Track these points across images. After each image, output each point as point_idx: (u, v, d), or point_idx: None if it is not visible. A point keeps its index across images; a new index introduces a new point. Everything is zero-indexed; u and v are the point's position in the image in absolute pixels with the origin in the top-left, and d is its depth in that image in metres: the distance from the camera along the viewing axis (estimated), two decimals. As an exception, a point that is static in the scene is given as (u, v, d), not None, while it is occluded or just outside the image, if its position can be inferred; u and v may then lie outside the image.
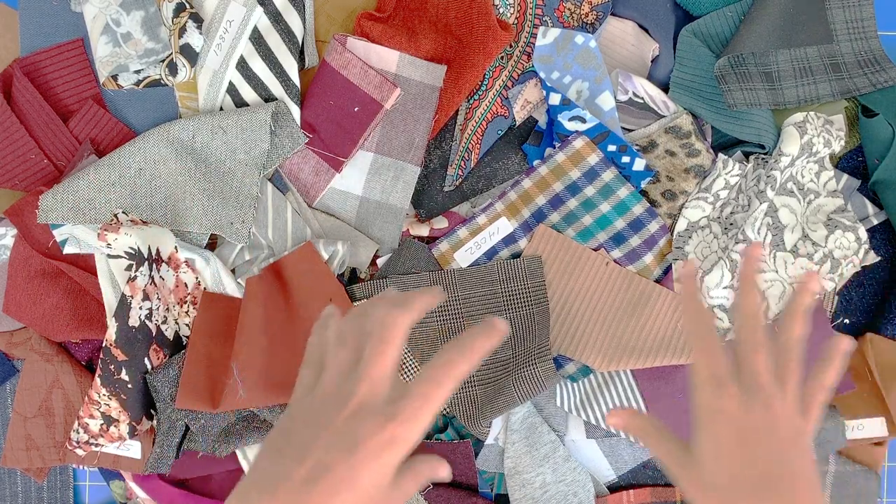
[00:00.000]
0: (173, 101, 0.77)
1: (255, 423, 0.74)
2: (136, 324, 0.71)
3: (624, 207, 0.76)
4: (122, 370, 0.70)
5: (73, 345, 0.76)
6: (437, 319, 0.76)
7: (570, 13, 0.77)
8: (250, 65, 0.75)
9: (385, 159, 0.76)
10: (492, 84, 0.77)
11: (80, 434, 0.72)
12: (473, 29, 0.74)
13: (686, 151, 0.75)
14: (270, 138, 0.75)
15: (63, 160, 0.75)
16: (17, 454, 0.74)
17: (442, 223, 0.77)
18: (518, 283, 0.76)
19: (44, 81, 0.76)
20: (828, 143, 0.76)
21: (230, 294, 0.74)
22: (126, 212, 0.72)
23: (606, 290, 0.76)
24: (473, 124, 0.77)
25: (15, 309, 0.73)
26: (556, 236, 0.76)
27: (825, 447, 0.76)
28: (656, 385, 0.78)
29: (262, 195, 0.76)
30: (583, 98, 0.76)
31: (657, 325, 0.76)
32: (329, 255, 0.73)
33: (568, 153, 0.76)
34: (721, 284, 0.75)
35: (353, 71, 0.74)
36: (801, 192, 0.77)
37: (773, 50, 0.77)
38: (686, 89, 0.76)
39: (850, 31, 0.78)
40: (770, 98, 0.76)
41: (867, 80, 0.77)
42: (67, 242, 0.72)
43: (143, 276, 0.70)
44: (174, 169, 0.73)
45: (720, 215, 0.77)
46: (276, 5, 0.74)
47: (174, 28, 0.74)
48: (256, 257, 0.76)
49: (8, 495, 0.79)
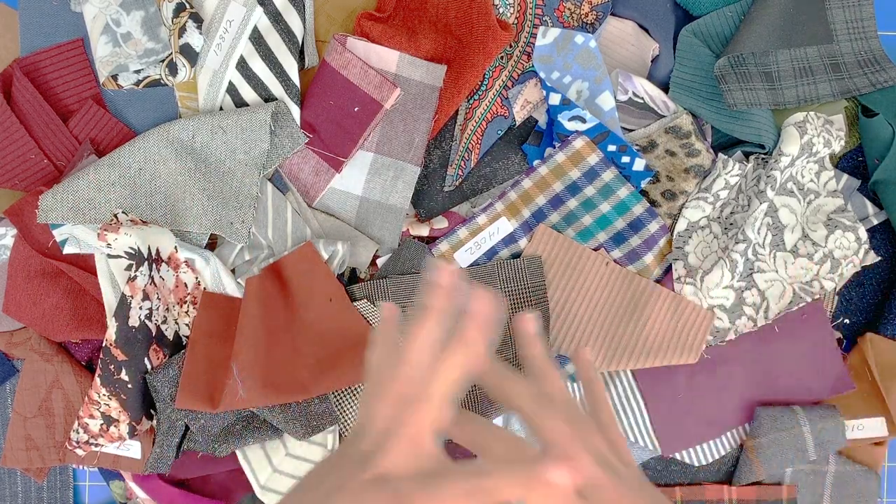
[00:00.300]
0: (173, 101, 0.77)
1: (255, 423, 0.74)
2: (135, 324, 0.71)
3: (624, 207, 0.76)
4: (122, 370, 0.70)
5: (73, 345, 0.76)
6: (437, 319, 0.76)
7: (570, 13, 0.77)
8: (250, 65, 0.75)
9: (385, 159, 0.76)
10: (492, 84, 0.77)
11: (79, 434, 0.72)
12: (473, 29, 0.74)
13: (686, 151, 0.75)
14: (270, 138, 0.75)
15: (63, 160, 0.75)
16: (17, 454, 0.74)
17: (442, 223, 0.77)
18: (518, 283, 0.76)
19: (44, 81, 0.76)
20: (828, 143, 0.76)
21: (230, 294, 0.74)
22: (126, 212, 0.72)
23: (606, 290, 0.76)
24: (473, 124, 0.77)
25: (15, 309, 0.73)
26: (556, 236, 0.76)
27: (825, 447, 0.76)
28: (656, 385, 0.78)
29: (262, 195, 0.76)
30: (583, 98, 0.76)
31: (657, 325, 0.76)
32: (329, 255, 0.73)
33: (568, 153, 0.76)
34: (721, 284, 0.75)
35: (353, 71, 0.74)
36: (801, 192, 0.77)
37: (773, 50, 0.77)
38: (686, 89, 0.76)
39: (850, 31, 0.78)
40: (770, 98, 0.76)
41: (867, 80, 0.77)
42: (67, 242, 0.72)
43: (142, 276, 0.70)
44: (174, 169, 0.73)
45: (720, 215, 0.77)
46: (276, 5, 0.74)
47: (174, 28, 0.74)
48: (256, 257, 0.76)
49: (8, 495, 0.79)
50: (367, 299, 0.75)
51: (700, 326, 0.76)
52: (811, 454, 0.76)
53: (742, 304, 0.76)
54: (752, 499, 0.78)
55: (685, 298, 0.76)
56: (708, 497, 0.78)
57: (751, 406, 0.78)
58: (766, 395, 0.79)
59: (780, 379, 0.79)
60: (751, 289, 0.76)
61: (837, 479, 0.79)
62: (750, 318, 0.76)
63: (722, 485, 0.78)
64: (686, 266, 0.76)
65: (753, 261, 0.76)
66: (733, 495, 0.78)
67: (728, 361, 0.78)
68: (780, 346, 0.78)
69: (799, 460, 0.76)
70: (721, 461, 0.79)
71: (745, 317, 0.76)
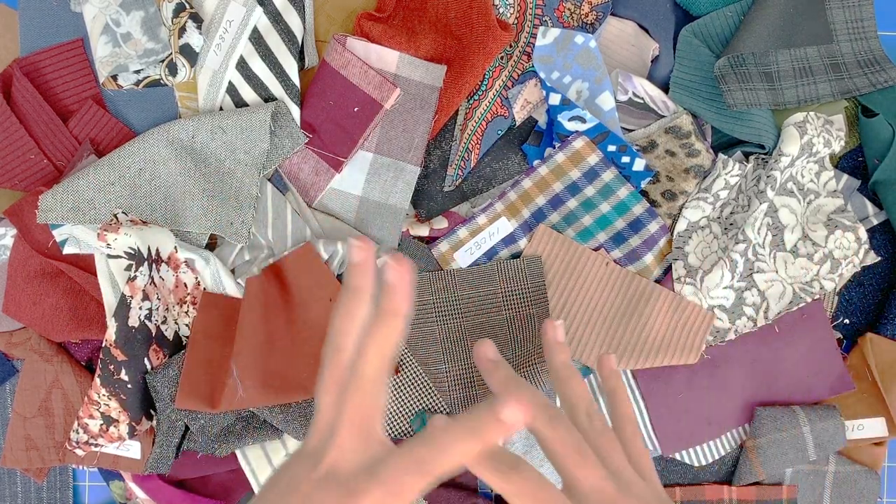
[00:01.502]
0: (173, 101, 0.77)
1: (255, 424, 0.74)
2: (135, 324, 0.71)
3: (624, 207, 0.76)
4: (122, 370, 0.70)
5: (72, 345, 0.76)
6: (436, 320, 0.76)
7: (570, 13, 0.77)
8: (250, 65, 0.75)
9: (385, 159, 0.76)
10: (492, 84, 0.77)
11: (79, 434, 0.72)
12: (473, 29, 0.74)
13: (686, 151, 0.75)
14: (270, 138, 0.75)
15: (63, 160, 0.75)
16: (17, 454, 0.74)
17: (442, 223, 0.77)
18: (518, 283, 0.76)
19: (44, 81, 0.76)
20: (828, 143, 0.76)
21: (230, 294, 0.74)
22: (126, 212, 0.72)
23: (606, 290, 0.76)
24: (473, 124, 0.77)
25: (15, 309, 0.73)
26: (556, 236, 0.76)
27: (825, 447, 0.76)
28: (656, 385, 0.78)
29: (261, 195, 0.76)
30: (583, 98, 0.76)
31: (657, 325, 0.76)
32: (329, 255, 0.73)
33: (568, 153, 0.76)
34: (721, 285, 0.75)
35: (353, 71, 0.74)
36: (801, 193, 0.77)
37: (773, 50, 0.77)
38: (686, 89, 0.76)
39: (850, 31, 0.78)
40: (770, 98, 0.76)
41: (867, 80, 0.77)
42: (67, 242, 0.72)
43: (142, 276, 0.70)
44: (174, 169, 0.73)
45: (720, 215, 0.77)
46: (275, 5, 0.74)
47: (174, 28, 0.74)
48: (256, 257, 0.76)
49: (8, 495, 0.79)
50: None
51: (700, 327, 0.76)
52: (811, 454, 0.76)
53: (742, 305, 0.76)
54: (752, 499, 0.78)
55: (685, 299, 0.76)
56: (708, 497, 0.78)
57: (751, 406, 0.78)
58: (766, 395, 0.79)
59: (780, 379, 0.79)
60: (751, 289, 0.76)
61: (837, 479, 0.79)
62: (750, 319, 0.76)
63: (722, 485, 0.78)
64: (686, 266, 0.76)
65: (753, 261, 0.76)
66: (733, 495, 0.78)
67: (728, 361, 0.78)
68: (780, 346, 0.78)
69: (799, 460, 0.76)
70: (721, 461, 0.79)
71: (745, 317, 0.76)
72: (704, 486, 0.78)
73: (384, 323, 0.36)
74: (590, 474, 0.37)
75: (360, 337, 0.36)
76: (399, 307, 0.36)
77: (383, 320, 0.36)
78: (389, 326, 0.36)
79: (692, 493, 0.78)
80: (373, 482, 0.32)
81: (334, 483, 0.33)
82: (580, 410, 0.41)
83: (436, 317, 0.76)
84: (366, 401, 0.35)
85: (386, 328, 0.36)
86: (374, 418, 0.35)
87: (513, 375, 0.41)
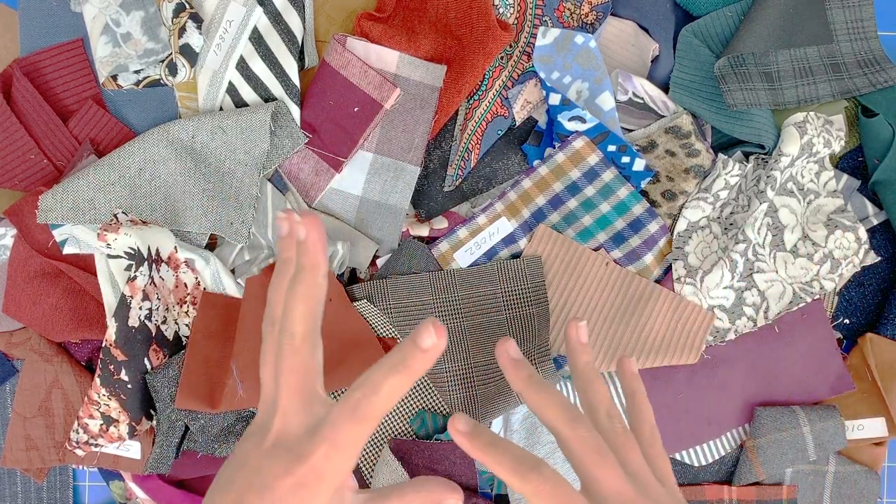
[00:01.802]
0: (173, 101, 0.77)
1: (255, 424, 0.74)
2: (135, 324, 0.71)
3: (624, 207, 0.76)
4: (122, 370, 0.70)
5: (72, 345, 0.76)
6: (436, 319, 0.76)
7: (569, 13, 0.77)
8: (250, 65, 0.75)
9: (385, 159, 0.76)
10: (492, 84, 0.77)
11: (79, 434, 0.72)
12: (473, 29, 0.74)
13: (686, 151, 0.75)
14: (270, 138, 0.75)
15: (63, 160, 0.75)
16: (17, 454, 0.74)
17: (442, 223, 0.77)
18: (518, 283, 0.76)
19: (44, 81, 0.76)
20: (828, 143, 0.76)
21: (230, 294, 0.74)
22: (126, 212, 0.72)
23: (606, 290, 0.76)
24: (473, 124, 0.77)
25: (15, 309, 0.73)
26: (556, 236, 0.76)
27: (825, 447, 0.76)
28: (656, 385, 0.78)
29: (261, 195, 0.76)
30: (583, 98, 0.76)
31: (657, 325, 0.76)
32: (329, 255, 0.73)
33: (568, 153, 0.76)
34: (721, 285, 0.75)
35: (353, 71, 0.74)
36: (801, 193, 0.77)
37: (773, 50, 0.77)
38: (686, 89, 0.76)
39: (849, 31, 0.78)
40: (770, 98, 0.76)
41: (867, 81, 0.77)
42: (67, 242, 0.72)
43: (142, 276, 0.70)
44: (174, 169, 0.73)
45: (720, 215, 0.77)
46: (275, 5, 0.74)
47: (174, 28, 0.74)
48: (256, 257, 0.76)
49: (8, 495, 0.79)
50: (366, 299, 0.75)
51: (700, 327, 0.76)
52: (811, 454, 0.76)
53: (742, 305, 0.76)
54: (752, 499, 0.78)
55: (685, 299, 0.76)
56: (708, 497, 0.78)
57: (751, 406, 0.78)
58: (766, 395, 0.79)
59: (781, 379, 0.79)
60: (751, 289, 0.76)
61: (837, 479, 0.79)
62: (750, 319, 0.76)
63: (722, 485, 0.78)
64: (686, 266, 0.76)
65: (753, 261, 0.76)
66: (733, 495, 0.78)
67: (728, 361, 0.78)
68: (780, 346, 0.78)
69: (799, 460, 0.76)
70: (721, 461, 0.79)
71: (745, 317, 0.76)
72: (704, 486, 0.78)
73: (303, 279, 0.35)
74: (609, 475, 0.37)
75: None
76: (315, 260, 0.35)
77: (302, 276, 0.35)
78: (309, 282, 0.35)
79: (692, 493, 0.78)
80: (317, 440, 0.32)
81: (282, 450, 0.33)
82: (601, 412, 0.41)
83: (436, 317, 0.76)
84: (299, 360, 0.35)
85: (306, 284, 0.35)
86: (312, 377, 0.35)
87: (534, 374, 0.40)
